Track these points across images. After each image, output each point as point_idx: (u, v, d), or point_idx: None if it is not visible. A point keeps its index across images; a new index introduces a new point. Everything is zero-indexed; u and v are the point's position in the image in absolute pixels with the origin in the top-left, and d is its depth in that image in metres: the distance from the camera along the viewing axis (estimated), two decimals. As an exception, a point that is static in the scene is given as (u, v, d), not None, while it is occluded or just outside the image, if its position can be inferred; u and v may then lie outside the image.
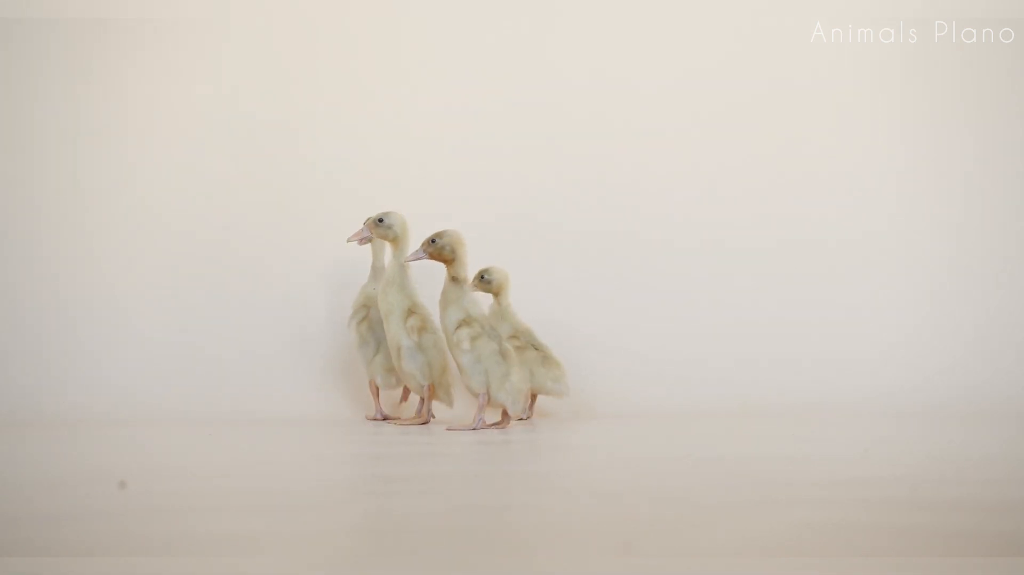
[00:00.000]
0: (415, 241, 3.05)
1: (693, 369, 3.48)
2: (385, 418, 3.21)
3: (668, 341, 3.51)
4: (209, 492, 1.79)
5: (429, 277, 3.19)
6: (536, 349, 3.21)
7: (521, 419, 3.04)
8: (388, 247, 3.08)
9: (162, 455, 2.40)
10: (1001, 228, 3.56)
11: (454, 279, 2.89)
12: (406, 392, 3.30)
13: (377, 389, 3.21)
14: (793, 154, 3.58)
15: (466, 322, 2.88)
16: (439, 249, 2.89)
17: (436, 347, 3.03)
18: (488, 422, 2.94)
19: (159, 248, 3.45)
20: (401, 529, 1.46)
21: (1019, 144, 3.58)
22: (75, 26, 3.43)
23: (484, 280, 3.19)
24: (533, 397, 3.23)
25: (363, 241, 3.15)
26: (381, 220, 3.03)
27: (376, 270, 3.23)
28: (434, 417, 3.13)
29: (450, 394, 3.08)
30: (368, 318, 3.21)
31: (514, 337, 3.20)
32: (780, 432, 2.81)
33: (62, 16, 3.42)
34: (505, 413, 2.93)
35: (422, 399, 3.06)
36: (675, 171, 3.57)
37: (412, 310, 3.02)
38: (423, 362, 3.02)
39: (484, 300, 3.20)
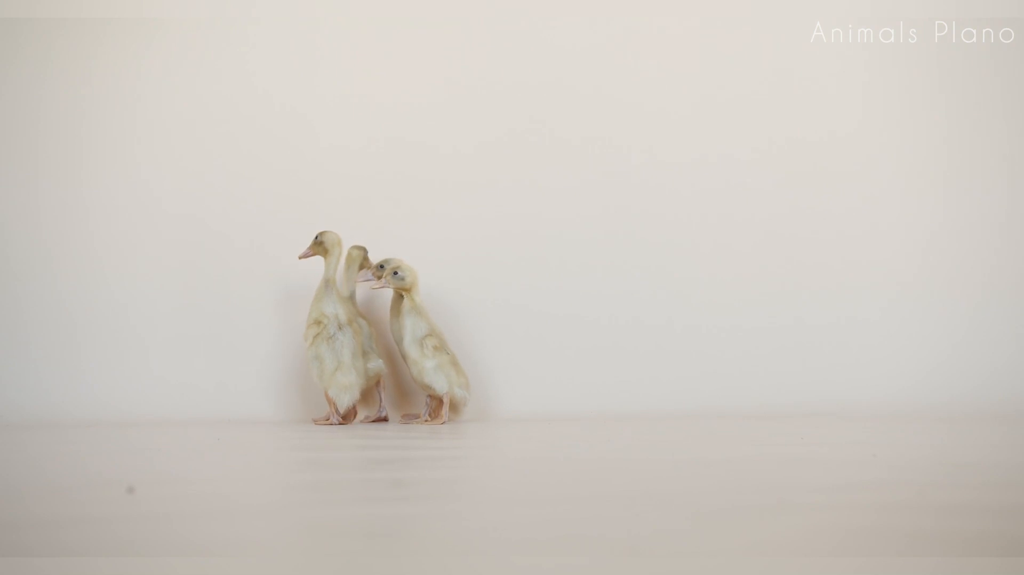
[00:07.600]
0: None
1: (695, 371, 3.47)
2: (382, 418, 3.25)
3: (667, 342, 3.49)
4: (190, 498, 1.77)
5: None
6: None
7: (443, 422, 3.14)
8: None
9: (161, 460, 2.38)
10: (1003, 228, 3.55)
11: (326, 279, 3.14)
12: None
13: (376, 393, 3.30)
14: (792, 155, 3.56)
15: (316, 321, 3.11)
16: (317, 244, 3.14)
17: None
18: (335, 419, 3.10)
19: (162, 250, 3.46)
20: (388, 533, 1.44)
21: (1020, 144, 3.56)
22: (77, 27, 3.44)
23: (397, 276, 3.14)
24: (441, 401, 3.18)
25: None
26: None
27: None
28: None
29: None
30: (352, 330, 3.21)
31: (429, 336, 3.16)
32: (785, 435, 2.80)
33: (63, 16, 3.43)
34: (436, 409, 3.10)
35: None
36: (672, 172, 3.55)
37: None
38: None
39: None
